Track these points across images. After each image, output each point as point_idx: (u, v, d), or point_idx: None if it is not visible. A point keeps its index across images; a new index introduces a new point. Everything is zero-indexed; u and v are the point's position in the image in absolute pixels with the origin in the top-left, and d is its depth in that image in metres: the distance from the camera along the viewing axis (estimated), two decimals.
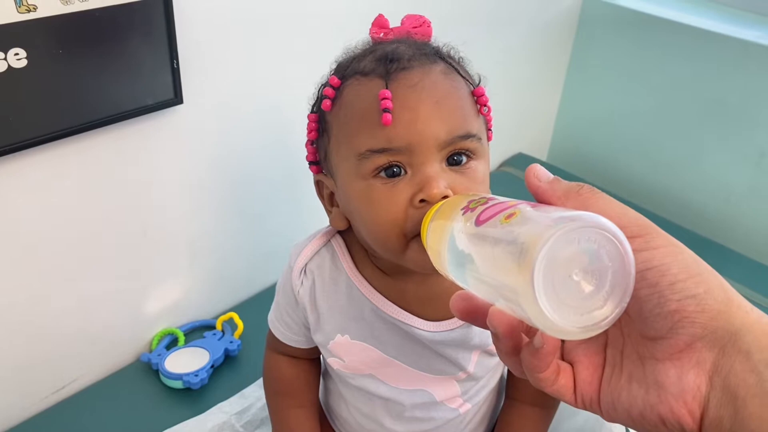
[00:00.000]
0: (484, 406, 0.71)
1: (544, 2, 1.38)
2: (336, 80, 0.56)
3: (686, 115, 1.38)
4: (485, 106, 0.56)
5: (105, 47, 0.74)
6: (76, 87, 0.74)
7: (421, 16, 0.59)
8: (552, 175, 0.38)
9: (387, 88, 0.51)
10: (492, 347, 0.63)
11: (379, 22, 0.59)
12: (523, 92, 1.46)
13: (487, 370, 0.66)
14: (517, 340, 0.35)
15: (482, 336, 0.62)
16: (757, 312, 0.33)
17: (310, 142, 0.61)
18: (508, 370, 0.73)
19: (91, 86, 0.75)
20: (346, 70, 0.56)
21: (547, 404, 0.71)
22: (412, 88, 0.52)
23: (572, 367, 0.37)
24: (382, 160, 0.52)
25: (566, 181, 0.37)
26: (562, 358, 0.37)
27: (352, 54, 0.58)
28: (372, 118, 0.52)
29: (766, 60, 1.23)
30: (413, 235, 0.51)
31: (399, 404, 0.65)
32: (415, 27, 0.59)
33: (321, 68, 0.61)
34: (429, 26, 0.59)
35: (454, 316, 0.61)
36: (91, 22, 0.72)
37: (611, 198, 0.35)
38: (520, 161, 1.50)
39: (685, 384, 0.32)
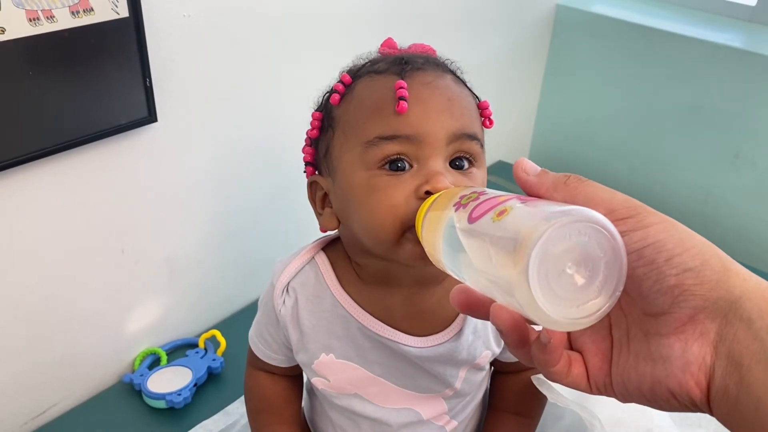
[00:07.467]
0: (471, 422, 0.70)
1: (517, 11, 1.39)
2: (348, 78, 0.57)
3: (662, 117, 1.39)
4: (489, 119, 0.58)
5: (76, 68, 0.74)
6: (48, 108, 0.74)
7: (426, 44, 0.61)
8: (539, 168, 0.39)
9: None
10: (480, 360, 0.63)
11: (389, 44, 0.61)
12: (500, 100, 1.47)
13: (473, 386, 0.66)
14: (522, 333, 0.35)
15: (470, 350, 0.61)
16: (755, 278, 0.33)
17: (309, 142, 0.61)
18: (491, 381, 0.72)
19: (62, 107, 0.75)
20: (360, 71, 0.57)
21: (531, 413, 0.71)
22: (426, 85, 0.53)
23: (582, 355, 0.37)
24: (390, 148, 0.52)
25: (554, 173, 0.38)
26: (571, 348, 0.37)
27: (365, 60, 0.59)
28: (386, 106, 0.52)
29: (737, 62, 1.26)
30: (409, 226, 0.50)
31: (385, 424, 0.64)
32: (421, 52, 0.60)
33: (297, 82, 0.61)
34: (434, 52, 0.61)
35: (440, 331, 0.60)
36: (60, 43, 0.71)
37: (598, 184, 0.36)
38: (501, 169, 1.50)
39: (690, 356, 0.32)
